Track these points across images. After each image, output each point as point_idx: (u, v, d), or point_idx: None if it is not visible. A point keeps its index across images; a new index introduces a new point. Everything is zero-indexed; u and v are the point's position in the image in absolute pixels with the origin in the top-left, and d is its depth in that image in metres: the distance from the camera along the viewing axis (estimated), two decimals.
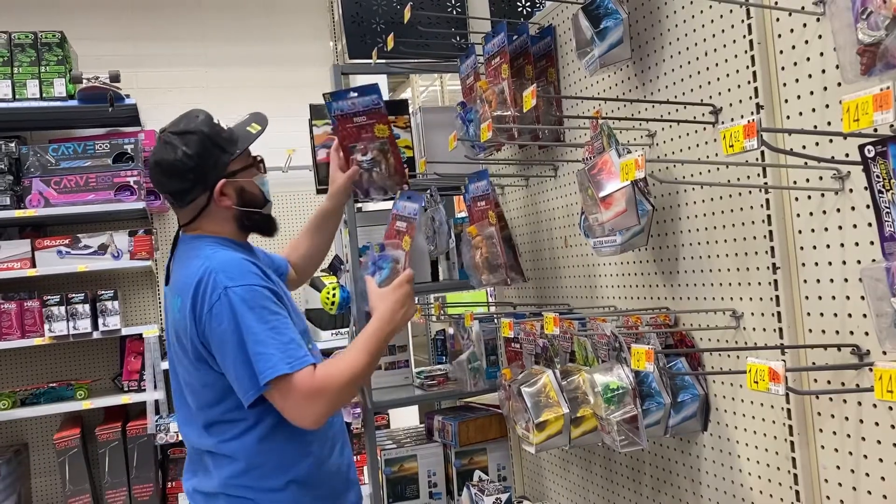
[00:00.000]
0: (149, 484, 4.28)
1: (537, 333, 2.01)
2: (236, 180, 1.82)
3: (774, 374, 1.06)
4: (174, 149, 1.76)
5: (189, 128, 1.78)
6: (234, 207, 1.81)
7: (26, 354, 4.57)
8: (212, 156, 1.77)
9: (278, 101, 5.15)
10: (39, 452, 4.63)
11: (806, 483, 1.41)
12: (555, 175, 2.27)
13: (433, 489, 2.77)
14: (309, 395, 1.62)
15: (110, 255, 4.35)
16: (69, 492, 4.16)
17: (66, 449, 4.16)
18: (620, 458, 2.05)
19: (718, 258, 1.60)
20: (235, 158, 1.81)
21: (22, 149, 4.23)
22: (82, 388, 4.34)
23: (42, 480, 4.63)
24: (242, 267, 1.70)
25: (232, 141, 1.82)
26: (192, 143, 1.75)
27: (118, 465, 4.24)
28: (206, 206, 1.80)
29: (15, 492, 4.35)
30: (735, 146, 1.10)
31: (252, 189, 1.85)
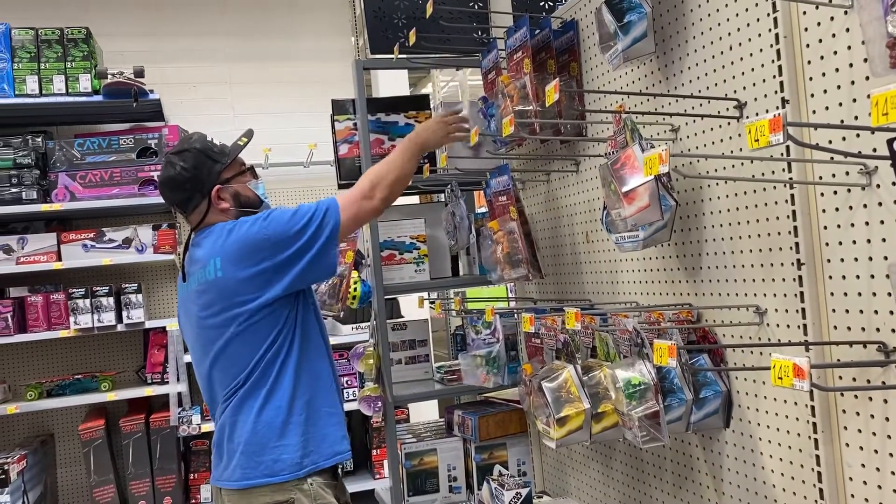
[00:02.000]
0: (171, 475, 4.34)
1: (558, 329, 2.00)
2: (230, 186, 2.13)
3: (799, 370, 1.05)
4: (173, 166, 2.10)
5: (184, 147, 2.12)
6: (231, 209, 2.12)
7: (52, 346, 4.64)
8: (205, 166, 2.09)
9: (300, 97, 5.19)
10: (65, 443, 4.71)
11: (830, 481, 1.40)
12: (576, 170, 2.27)
13: (453, 483, 2.78)
14: (365, 194, 2.09)
15: (134, 249, 4.40)
16: (94, 482, 4.22)
17: (90, 440, 4.23)
18: (641, 454, 2.04)
19: (742, 254, 1.59)
20: (227, 167, 2.12)
21: (48, 143, 4.29)
22: (107, 380, 4.40)
23: (68, 470, 4.70)
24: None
25: (223, 153, 2.14)
26: (188, 159, 2.09)
27: (141, 457, 4.29)
28: (207, 210, 2.12)
29: (41, 481, 4.42)
30: (760, 140, 1.10)
31: (246, 192, 2.17)
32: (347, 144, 2.96)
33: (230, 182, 2.14)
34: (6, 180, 4.19)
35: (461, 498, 2.77)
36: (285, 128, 5.14)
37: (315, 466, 2.01)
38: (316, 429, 2.03)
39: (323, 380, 2.09)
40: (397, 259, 2.84)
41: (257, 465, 1.98)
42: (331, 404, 2.09)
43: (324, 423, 2.05)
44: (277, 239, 2.00)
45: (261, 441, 1.98)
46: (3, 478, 3.89)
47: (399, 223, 2.84)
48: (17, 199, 4.18)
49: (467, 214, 2.73)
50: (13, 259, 4.24)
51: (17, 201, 4.18)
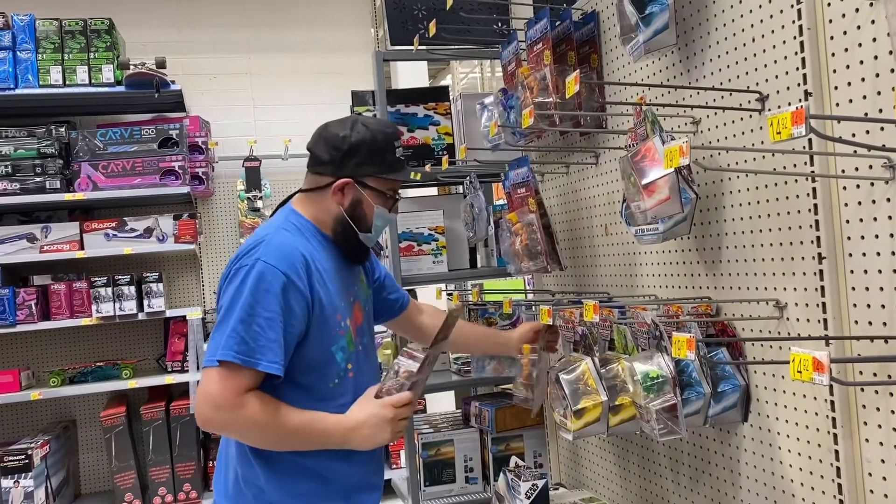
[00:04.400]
0: (191, 462, 4.39)
1: (576, 321, 2.00)
2: (361, 191, 1.80)
3: (819, 363, 1.05)
4: (347, 127, 1.80)
5: (371, 126, 1.81)
6: (341, 210, 1.80)
7: (74, 334, 4.71)
8: (361, 156, 1.78)
9: (320, 88, 5.21)
10: (87, 429, 4.78)
11: (849, 476, 1.39)
12: (596, 162, 2.26)
13: (469, 474, 2.79)
14: (221, 405, 1.59)
15: (155, 239, 4.45)
16: (115, 468, 4.28)
17: (112, 426, 4.29)
18: (658, 447, 2.04)
19: (763, 247, 1.58)
20: (380, 176, 1.81)
21: (71, 133, 4.34)
22: (128, 368, 4.46)
23: (89, 456, 4.77)
24: (289, 255, 1.68)
25: (390, 166, 1.82)
26: (359, 135, 1.78)
27: (162, 444, 4.35)
28: (321, 188, 1.81)
29: (64, 466, 4.49)
30: (783, 133, 1.09)
31: (367, 210, 1.81)
32: None
33: (366, 188, 1.80)
34: (30, 169, 4.24)
35: (477, 489, 2.78)
36: (305, 119, 5.14)
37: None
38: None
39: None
40: (416, 250, 2.85)
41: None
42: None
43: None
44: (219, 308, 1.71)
45: None
46: (27, 462, 3.96)
47: (418, 214, 2.85)
48: (41, 189, 4.24)
49: (486, 206, 2.73)
50: (37, 248, 4.30)
51: (40, 190, 4.23)
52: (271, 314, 1.61)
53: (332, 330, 1.73)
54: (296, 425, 1.65)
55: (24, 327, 4.20)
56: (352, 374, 1.77)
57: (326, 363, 1.72)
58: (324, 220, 1.82)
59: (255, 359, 1.59)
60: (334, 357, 1.73)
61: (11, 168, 4.22)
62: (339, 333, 1.75)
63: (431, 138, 2.90)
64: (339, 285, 1.80)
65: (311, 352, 1.69)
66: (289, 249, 1.69)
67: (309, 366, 1.69)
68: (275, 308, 1.61)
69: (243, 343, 1.59)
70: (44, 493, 4.09)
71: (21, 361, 4.62)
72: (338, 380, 1.74)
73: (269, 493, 1.71)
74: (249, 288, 1.62)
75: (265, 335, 1.60)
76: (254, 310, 1.60)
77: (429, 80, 6.11)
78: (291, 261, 1.67)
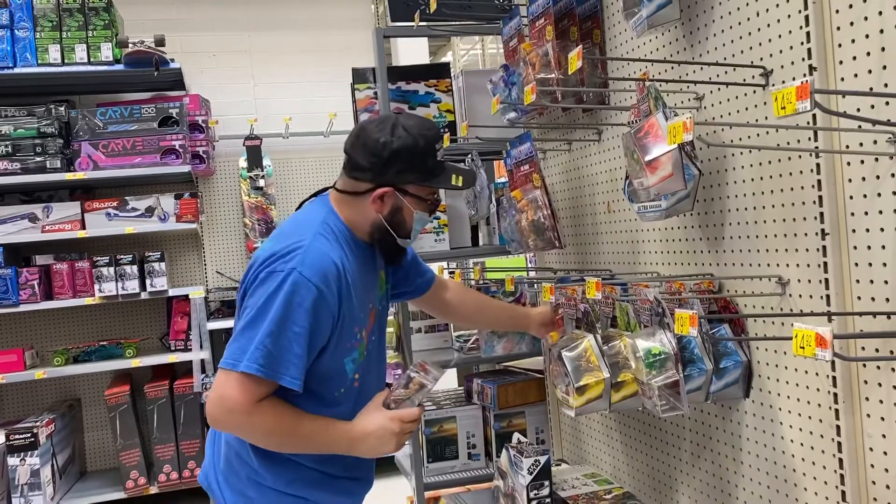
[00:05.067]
0: (195, 440, 4.42)
1: (579, 298, 2.01)
2: (402, 199, 1.74)
3: (822, 339, 1.05)
4: (387, 131, 1.70)
5: (412, 130, 1.71)
6: (380, 217, 1.74)
7: (78, 313, 4.73)
8: (402, 164, 1.71)
9: (320, 65, 5.18)
10: (91, 408, 4.81)
11: (850, 451, 1.40)
12: (598, 139, 2.25)
13: (472, 450, 2.81)
14: (237, 409, 1.58)
15: (157, 218, 4.44)
16: (120, 445, 4.32)
17: (116, 405, 4.31)
18: (660, 423, 2.05)
19: (765, 224, 1.58)
20: (422, 183, 1.75)
21: (71, 112, 4.32)
22: (131, 347, 4.48)
23: (94, 434, 4.81)
24: (325, 268, 1.63)
25: (432, 172, 1.75)
26: (400, 140, 1.69)
27: (166, 422, 4.38)
28: (360, 193, 1.74)
29: (69, 445, 4.53)
30: (787, 108, 1.08)
31: (407, 217, 1.76)
32: (368, 113, 2.96)
33: (406, 195, 1.74)
34: (30, 149, 4.23)
35: (480, 465, 2.80)
36: (305, 97, 5.14)
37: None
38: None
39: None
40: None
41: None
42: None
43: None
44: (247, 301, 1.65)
45: None
46: (33, 441, 3.99)
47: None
48: (42, 168, 4.23)
49: (487, 184, 2.73)
50: (38, 227, 4.30)
51: (41, 170, 4.23)
52: (300, 329, 1.59)
53: (348, 343, 1.73)
54: (304, 433, 1.66)
55: (27, 307, 4.21)
56: (357, 383, 1.77)
57: (337, 374, 1.72)
58: (360, 225, 1.77)
59: (279, 374, 1.58)
60: (345, 368, 1.73)
61: (11, 148, 4.21)
62: (354, 346, 1.75)
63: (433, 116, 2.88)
64: (362, 295, 1.76)
65: (325, 363, 1.68)
66: (325, 262, 1.64)
67: (320, 376, 1.68)
68: (304, 324, 1.59)
69: (269, 357, 1.57)
70: (50, 471, 4.12)
71: (25, 341, 4.64)
72: (344, 389, 1.74)
73: (264, 477, 1.72)
74: (283, 299, 1.58)
75: (292, 350, 1.59)
76: (284, 323, 1.58)
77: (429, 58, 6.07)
78: (326, 275, 1.62)
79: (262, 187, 4.90)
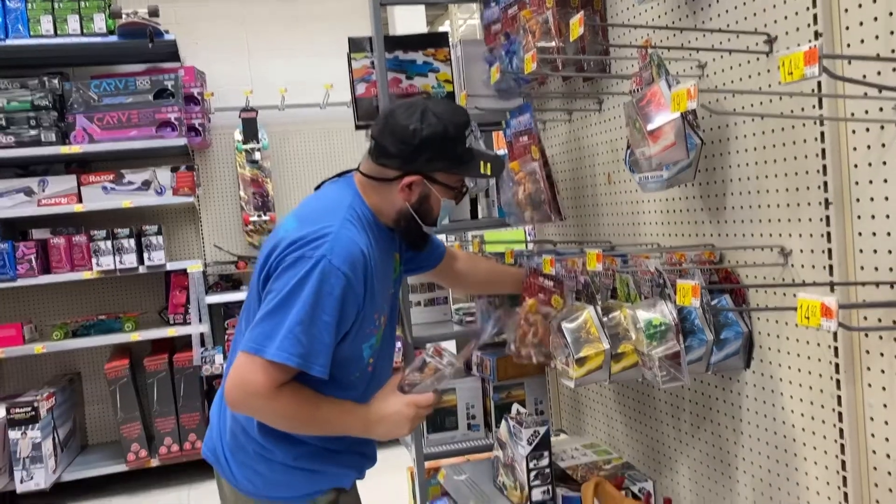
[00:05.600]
0: (196, 413, 4.44)
1: (579, 270, 1.99)
2: (430, 187, 1.71)
3: (827, 309, 1.04)
4: (416, 118, 1.67)
5: (442, 117, 1.68)
6: (407, 205, 1.72)
7: (76, 288, 4.72)
8: (432, 152, 1.67)
9: (316, 35, 5.11)
10: (91, 381, 4.82)
11: (851, 421, 1.39)
12: (599, 109, 2.22)
13: (471, 421, 2.82)
14: (261, 393, 1.56)
15: (153, 191, 4.42)
16: (121, 419, 4.33)
17: (116, 378, 4.32)
18: (660, 394, 2.05)
19: (768, 193, 1.56)
20: (451, 171, 1.73)
21: (65, 85, 4.27)
22: (130, 321, 4.47)
23: (95, 408, 4.83)
24: (353, 256, 1.61)
25: (461, 160, 1.72)
26: (430, 128, 1.65)
27: (166, 395, 4.39)
28: (388, 180, 1.71)
29: (70, 418, 4.55)
30: (794, 74, 1.06)
31: (434, 206, 1.74)
32: (365, 84, 2.92)
33: (434, 183, 1.71)
34: (24, 122, 4.19)
35: (479, 435, 2.81)
36: (301, 68, 5.08)
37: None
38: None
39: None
40: None
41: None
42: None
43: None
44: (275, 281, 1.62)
45: None
46: (34, 415, 4.00)
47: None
48: (36, 141, 4.19)
49: None
50: (34, 201, 4.28)
51: (36, 143, 4.19)
52: (330, 318, 1.57)
53: (368, 329, 1.72)
54: (323, 418, 1.65)
55: (25, 281, 4.20)
56: (371, 368, 1.77)
57: (355, 359, 1.71)
58: (386, 211, 1.75)
59: (310, 364, 1.57)
60: (362, 354, 1.73)
61: (5, 121, 4.17)
62: (373, 332, 1.74)
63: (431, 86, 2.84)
64: (382, 280, 1.75)
65: (345, 349, 1.67)
66: (354, 250, 1.61)
67: (338, 360, 1.66)
68: (334, 312, 1.58)
69: (300, 345, 1.55)
70: (51, 444, 4.15)
71: (23, 315, 4.63)
72: (359, 374, 1.74)
73: (272, 452, 1.72)
74: (312, 287, 1.56)
75: (322, 339, 1.57)
76: (314, 312, 1.56)
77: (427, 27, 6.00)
78: (354, 263, 1.60)
79: (257, 160, 4.87)
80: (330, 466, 1.77)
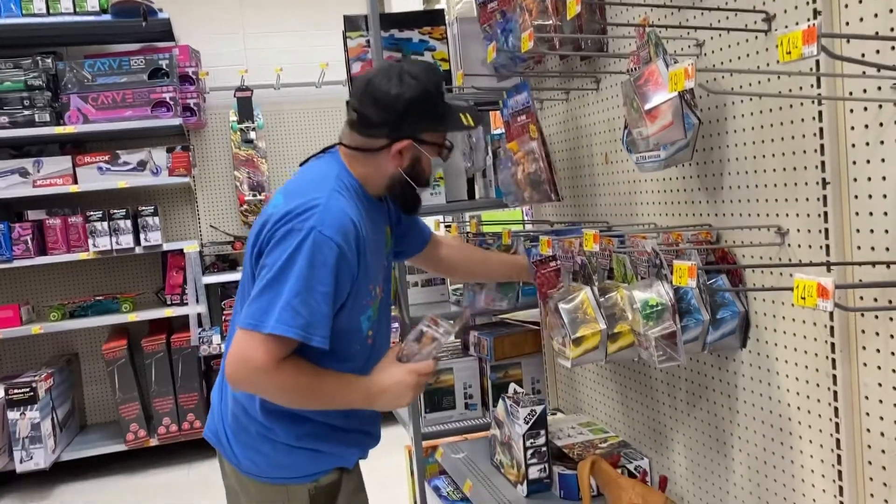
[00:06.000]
0: (194, 393, 4.46)
1: (576, 251, 1.99)
2: (420, 149, 1.72)
3: (823, 290, 1.04)
4: (395, 82, 1.66)
5: (420, 77, 1.67)
6: (399, 171, 1.72)
7: (73, 269, 4.72)
8: (418, 113, 1.68)
9: (311, 13, 5.07)
10: (89, 362, 4.83)
11: (846, 400, 1.40)
12: (597, 88, 2.21)
13: (469, 400, 2.83)
14: (262, 368, 1.56)
15: (149, 172, 4.40)
16: (119, 399, 4.35)
17: (114, 359, 4.33)
18: (656, 373, 2.06)
19: (765, 173, 1.56)
20: (436, 128, 1.74)
21: (58, 65, 4.23)
22: (127, 302, 4.48)
23: (93, 388, 4.85)
24: (344, 225, 1.61)
25: (443, 117, 1.73)
26: (411, 90, 1.66)
27: (164, 375, 4.41)
28: (375, 150, 1.71)
29: (69, 398, 4.56)
30: (793, 53, 1.05)
31: (426, 166, 1.75)
32: (360, 62, 2.90)
33: (423, 144, 1.72)
34: (18, 102, 4.16)
35: (476, 414, 2.83)
36: (296, 46, 5.05)
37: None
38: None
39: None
40: None
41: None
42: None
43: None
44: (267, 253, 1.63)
45: None
46: (32, 395, 4.01)
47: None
48: (31, 122, 4.17)
49: (484, 136, 2.69)
50: (29, 182, 4.26)
51: (30, 124, 4.16)
52: (326, 288, 1.57)
53: (364, 300, 1.72)
54: (325, 391, 1.65)
55: (21, 262, 4.20)
56: (370, 340, 1.77)
57: (354, 331, 1.71)
58: (375, 180, 1.75)
59: (311, 335, 1.57)
60: (361, 326, 1.73)
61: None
62: (369, 304, 1.74)
63: None
64: (375, 251, 1.75)
65: (343, 320, 1.67)
66: (344, 220, 1.61)
67: (337, 332, 1.66)
68: (329, 282, 1.58)
69: (299, 317, 1.55)
70: (50, 425, 4.16)
71: (20, 296, 4.63)
72: (359, 346, 1.74)
73: (275, 432, 1.72)
74: (305, 258, 1.56)
75: (320, 310, 1.57)
76: (310, 283, 1.56)
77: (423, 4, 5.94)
78: (345, 232, 1.60)
79: (252, 140, 4.84)
80: (334, 446, 1.78)
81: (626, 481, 1.74)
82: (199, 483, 4.20)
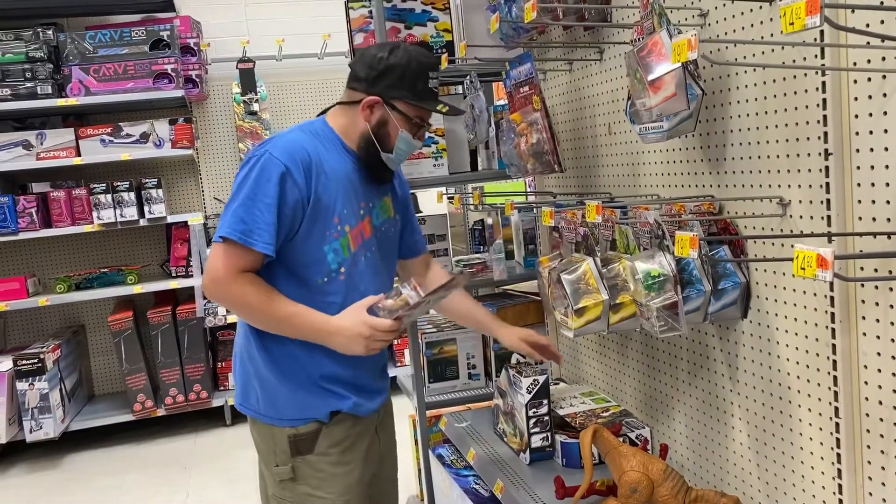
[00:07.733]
0: (200, 364, 4.50)
1: (578, 222, 2.00)
2: (388, 113, 1.84)
3: (823, 260, 1.05)
4: (387, 49, 1.84)
5: (409, 52, 1.84)
6: (367, 126, 1.85)
7: (78, 241, 4.73)
8: (394, 79, 1.82)
9: None
10: (96, 333, 4.87)
11: (845, 369, 1.42)
12: (600, 59, 2.20)
13: (472, 370, 2.86)
14: (219, 278, 1.73)
15: (152, 144, 4.40)
16: (126, 370, 4.39)
17: (120, 330, 4.37)
18: (657, 343, 2.08)
19: (768, 144, 1.56)
20: (405, 102, 1.83)
21: (60, 36, 4.21)
22: (132, 274, 4.50)
23: (100, 360, 4.89)
24: (294, 150, 1.78)
25: (419, 93, 1.84)
26: (396, 58, 1.82)
27: (170, 346, 4.45)
28: (353, 102, 1.87)
29: (76, 369, 4.61)
30: (796, 24, 1.05)
31: (392, 132, 1.86)
32: (363, 34, 2.88)
33: (393, 111, 1.83)
34: (20, 74, 4.15)
35: (480, 384, 2.86)
36: (298, 17, 5.01)
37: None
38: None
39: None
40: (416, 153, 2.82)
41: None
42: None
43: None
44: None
45: None
46: (40, 366, 4.06)
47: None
48: (33, 94, 4.15)
49: (486, 107, 2.68)
50: (33, 155, 4.26)
51: (32, 96, 4.15)
52: (270, 200, 1.73)
53: (327, 231, 1.81)
54: (283, 314, 1.77)
55: (27, 235, 4.22)
56: (343, 277, 1.84)
57: (318, 261, 1.81)
58: (351, 133, 1.88)
59: (252, 239, 1.72)
60: (325, 257, 1.82)
61: (1, 73, 4.13)
62: (334, 236, 1.83)
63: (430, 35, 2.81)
64: (351, 194, 1.86)
65: (303, 247, 1.80)
66: (295, 146, 1.79)
67: (301, 261, 1.80)
68: (273, 195, 1.73)
69: (242, 223, 1.72)
70: (59, 395, 4.21)
71: (26, 269, 4.66)
72: (327, 278, 1.82)
73: (260, 365, 1.85)
74: (254, 176, 1.75)
75: (263, 218, 1.73)
76: (255, 195, 1.73)
77: None
78: (294, 156, 1.77)
79: (255, 111, 4.83)
80: (307, 395, 1.85)
81: (627, 449, 1.76)
82: (205, 452, 4.26)
